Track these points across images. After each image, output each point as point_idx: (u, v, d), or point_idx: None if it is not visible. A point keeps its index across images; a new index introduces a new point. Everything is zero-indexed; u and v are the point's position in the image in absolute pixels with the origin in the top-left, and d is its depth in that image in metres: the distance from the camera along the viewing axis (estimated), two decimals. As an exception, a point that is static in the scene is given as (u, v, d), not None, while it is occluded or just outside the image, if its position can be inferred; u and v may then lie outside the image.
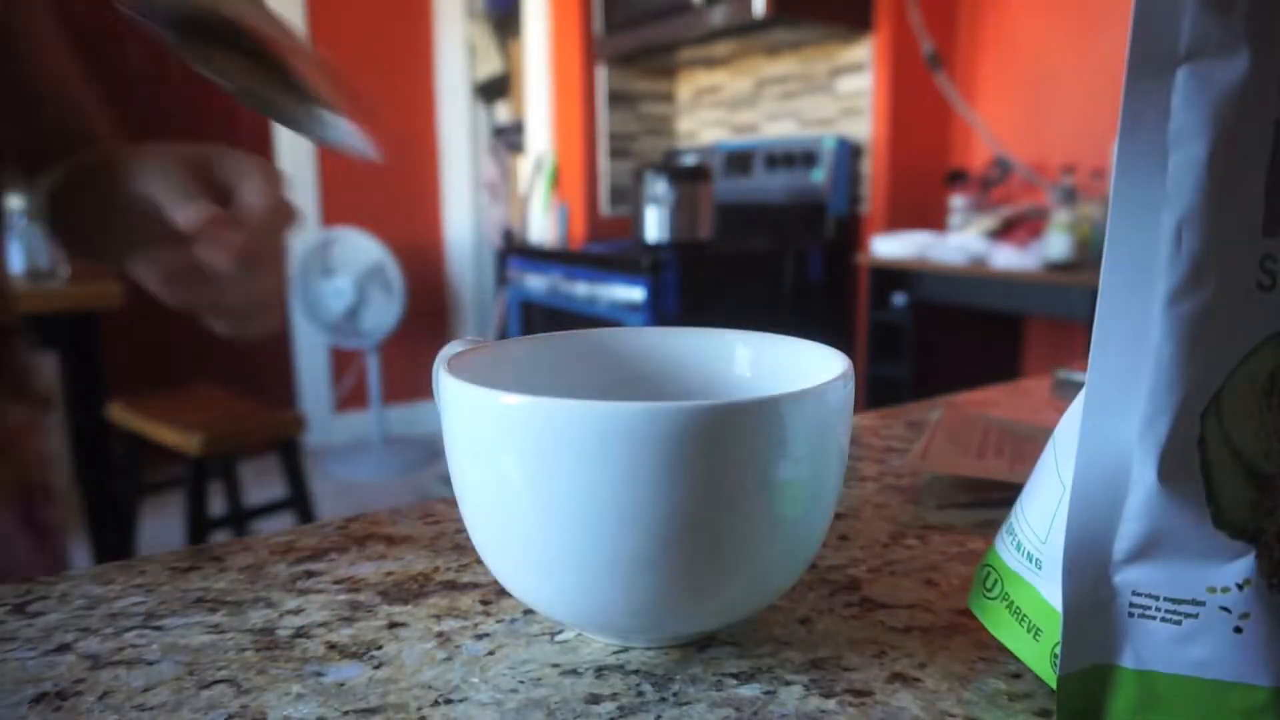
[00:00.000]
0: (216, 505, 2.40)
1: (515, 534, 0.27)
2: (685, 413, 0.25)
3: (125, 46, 3.12)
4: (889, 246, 2.53)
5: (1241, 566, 0.24)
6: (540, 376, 0.35)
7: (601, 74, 2.99)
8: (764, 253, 2.48)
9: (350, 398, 3.74)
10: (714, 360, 0.37)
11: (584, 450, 0.25)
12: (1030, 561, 0.28)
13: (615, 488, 0.25)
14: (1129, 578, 0.25)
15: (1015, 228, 2.66)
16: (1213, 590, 0.24)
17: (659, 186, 2.35)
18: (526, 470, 0.26)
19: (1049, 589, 0.27)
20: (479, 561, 0.37)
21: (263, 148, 3.38)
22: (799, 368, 0.34)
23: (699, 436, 0.25)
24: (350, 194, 3.54)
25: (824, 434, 0.28)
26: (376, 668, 0.29)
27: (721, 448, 0.25)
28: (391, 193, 3.65)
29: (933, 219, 2.90)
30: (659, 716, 0.26)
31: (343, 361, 3.71)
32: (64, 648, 0.30)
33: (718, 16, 2.32)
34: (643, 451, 0.25)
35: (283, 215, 0.45)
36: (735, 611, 0.29)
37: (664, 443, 0.25)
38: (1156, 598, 0.25)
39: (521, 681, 0.28)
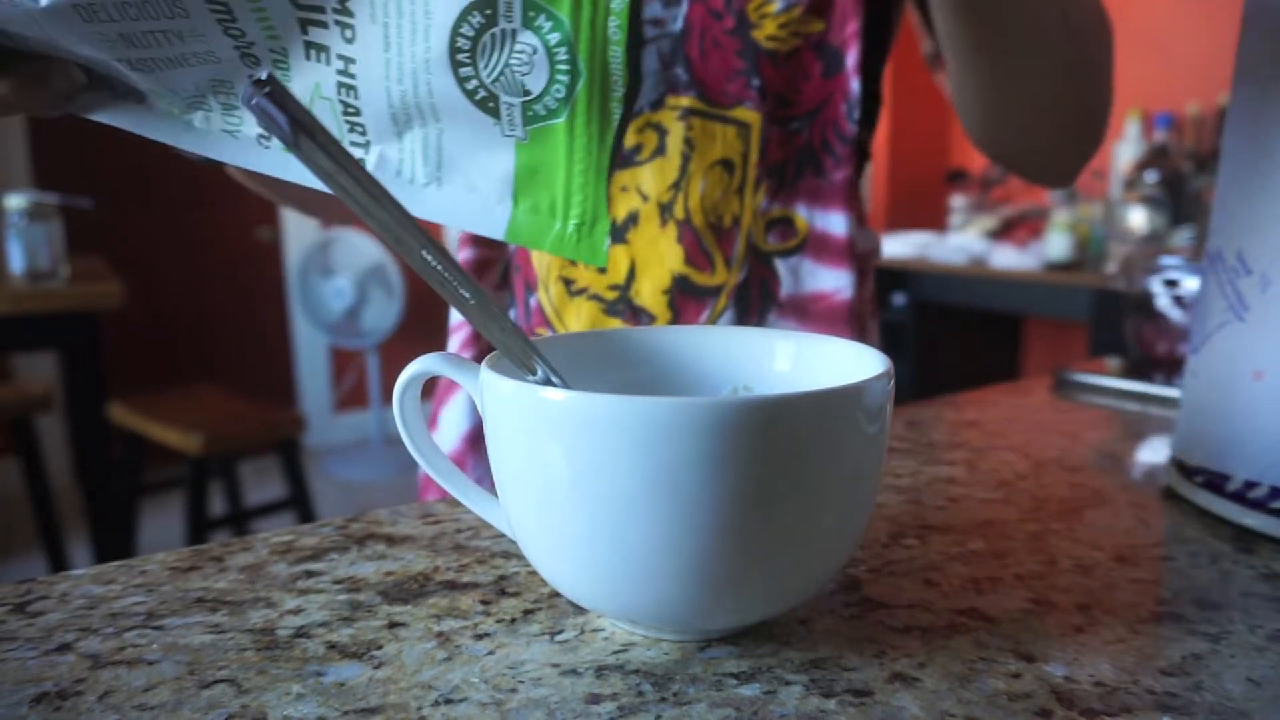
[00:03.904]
0: (216, 505, 2.40)
1: (558, 528, 0.28)
2: (728, 407, 0.25)
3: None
4: (889, 246, 2.53)
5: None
6: (575, 374, 0.35)
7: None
8: (764, 253, 2.48)
9: (350, 398, 3.74)
10: (751, 357, 0.38)
11: (625, 445, 0.25)
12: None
13: (656, 482, 0.25)
14: None
15: (1015, 228, 2.66)
16: None
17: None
18: (568, 464, 0.26)
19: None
20: (479, 561, 0.37)
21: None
22: (838, 366, 0.34)
23: (742, 430, 0.25)
24: (350, 194, 3.54)
25: (865, 430, 0.28)
26: (376, 668, 0.29)
27: (764, 442, 0.25)
28: (391, 193, 3.65)
29: (933, 219, 2.90)
30: (659, 716, 0.26)
31: (343, 361, 3.71)
32: (64, 647, 0.30)
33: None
34: (686, 446, 0.25)
35: None
36: (769, 607, 0.30)
37: (707, 437, 0.25)
38: None
39: (521, 681, 0.28)
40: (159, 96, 0.31)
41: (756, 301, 0.59)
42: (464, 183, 0.31)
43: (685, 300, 0.58)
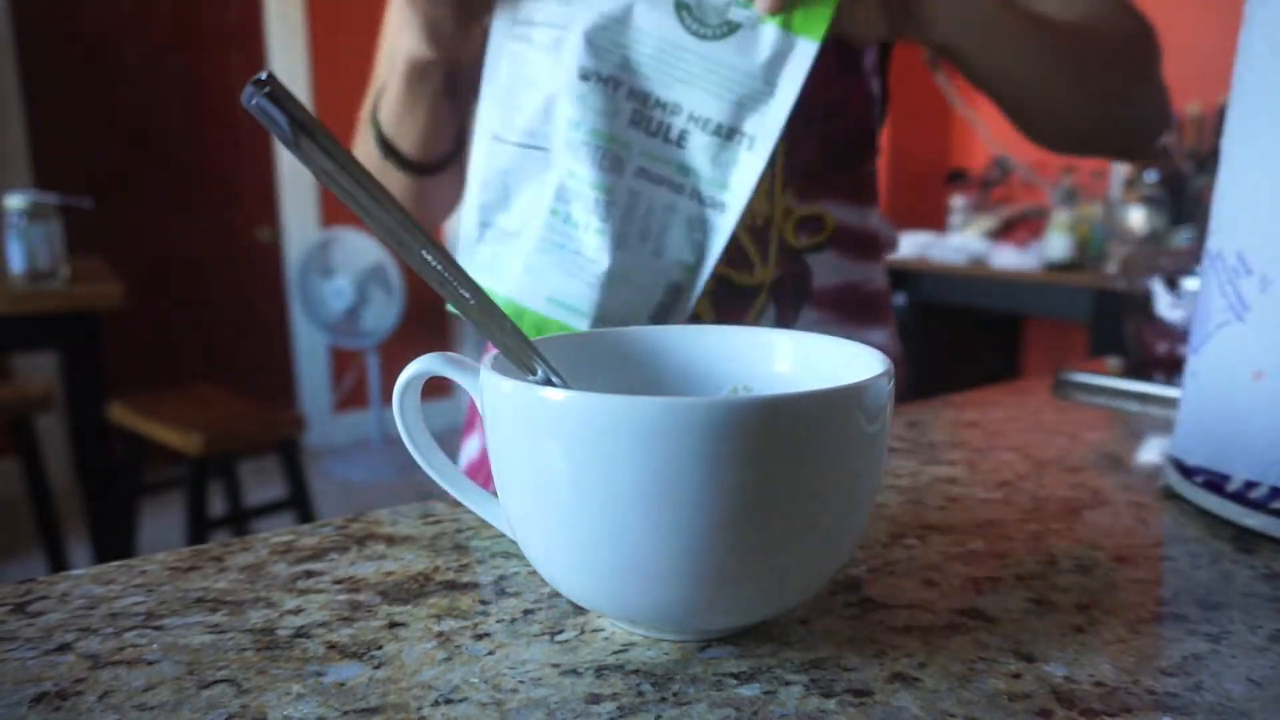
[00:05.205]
0: (216, 505, 2.40)
1: (558, 528, 0.28)
2: (728, 407, 0.25)
3: (126, 46, 3.12)
4: (889, 246, 2.52)
5: None
6: (575, 374, 0.35)
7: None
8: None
9: (350, 398, 3.74)
10: (751, 357, 0.38)
11: (625, 445, 0.25)
12: None
13: (656, 482, 0.25)
14: None
15: (1015, 228, 2.66)
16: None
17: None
18: (568, 464, 0.26)
19: None
20: (479, 561, 0.37)
21: (262, 155, 3.38)
22: (838, 366, 0.34)
23: (742, 430, 0.25)
24: (350, 194, 3.54)
25: (865, 430, 0.28)
26: (376, 668, 0.29)
27: (764, 442, 0.25)
28: (391, 193, 3.65)
29: (933, 219, 2.89)
30: (659, 716, 0.26)
31: (343, 361, 3.71)
32: (64, 647, 0.30)
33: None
34: (685, 446, 0.25)
35: None
36: (769, 607, 0.30)
37: (707, 437, 0.25)
38: None
39: (521, 681, 0.28)
40: None
41: (791, 297, 0.60)
42: None
43: (728, 301, 0.58)
